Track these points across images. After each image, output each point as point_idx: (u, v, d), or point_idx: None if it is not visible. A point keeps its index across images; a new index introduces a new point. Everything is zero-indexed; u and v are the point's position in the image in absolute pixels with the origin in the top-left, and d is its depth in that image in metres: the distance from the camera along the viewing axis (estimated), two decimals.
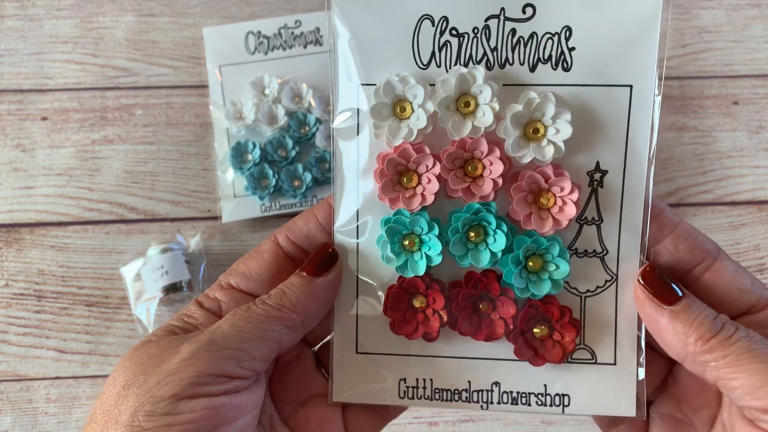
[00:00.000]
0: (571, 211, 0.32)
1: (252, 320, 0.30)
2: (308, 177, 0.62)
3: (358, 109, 0.33)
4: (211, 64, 0.66)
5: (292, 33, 0.67)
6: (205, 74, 0.67)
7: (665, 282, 0.31)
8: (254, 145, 0.63)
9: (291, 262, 0.34)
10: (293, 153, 0.63)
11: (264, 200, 0.63)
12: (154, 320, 0.59)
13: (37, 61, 0.67)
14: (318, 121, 0.64)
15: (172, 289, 0.59)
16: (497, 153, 0.32)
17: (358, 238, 0.34)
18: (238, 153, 0.63)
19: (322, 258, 0.33)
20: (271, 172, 0.63)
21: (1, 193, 0.64)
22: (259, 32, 0.67)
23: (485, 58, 0.32)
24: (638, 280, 0.32)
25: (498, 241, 0.32)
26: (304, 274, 0.33)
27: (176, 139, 0.66)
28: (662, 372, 0.35)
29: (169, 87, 0.67)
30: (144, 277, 0.59)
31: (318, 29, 0.67)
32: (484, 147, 0.32)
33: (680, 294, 0.31)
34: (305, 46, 0.67)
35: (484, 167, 0.32)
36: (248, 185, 0.62)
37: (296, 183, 0.63)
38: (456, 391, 0.34)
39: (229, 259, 0.63)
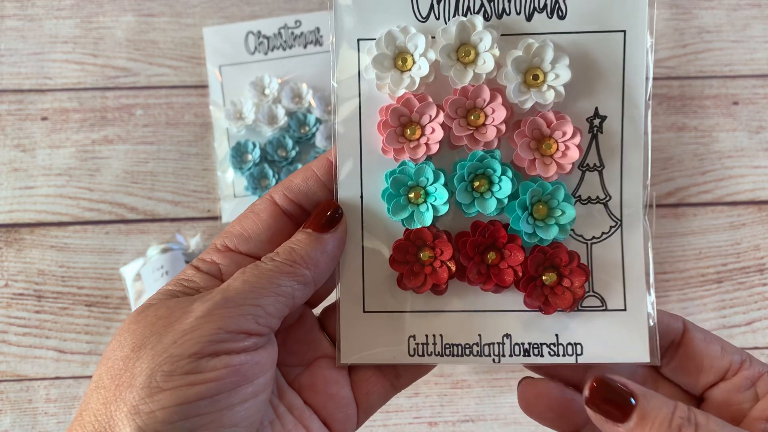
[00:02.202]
0: (573, 154, 0.32)
1: (264, 276, 0.30)
2: None
3: (358, 63, 0.33)
4: (211, 64, 0.66)
5: (292, 33, 0.67)
6: (205, 74, 0.67)
7: (613, 396, 0.29)
8: (254, 145, 0.63)
9: (290, 222, 0.33)
10: (293, 153, 0.63)
11: None
12: None
13: (37, 61, 0.67)
14: (318, 121, 0.64)
15: None
16: (499, 100, 0.32)
17: (362, 194, 0.34)
18: (238, 153, 0.63)
19: (326, 214, 0.32)
20: (271, 172, 0.63)
21: (1, 193, 0.64)
22: (259, 32, 0.67)
23: (483, 8, 0.33)
24: (586, 404, 0.29)
25: (503, 188, 0.32)
26: (310, 230, 0.32)
27: (176, 139, 0.66)
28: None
29: (169, 87, 0.67)
30: (144, 277, 0.59)
31: (318, 29, 0.67)
32: (486, 94, 0.32)
33: (632, 402, 0.28)
34: (305, 46, 0.67)
35: (486, 115, 0.33)
36: (248, 185, 0.62)
37: None
38: (467, 346, 0.34)
39: None
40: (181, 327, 0.27)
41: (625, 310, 0.33)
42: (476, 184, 0.33)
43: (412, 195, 0.33)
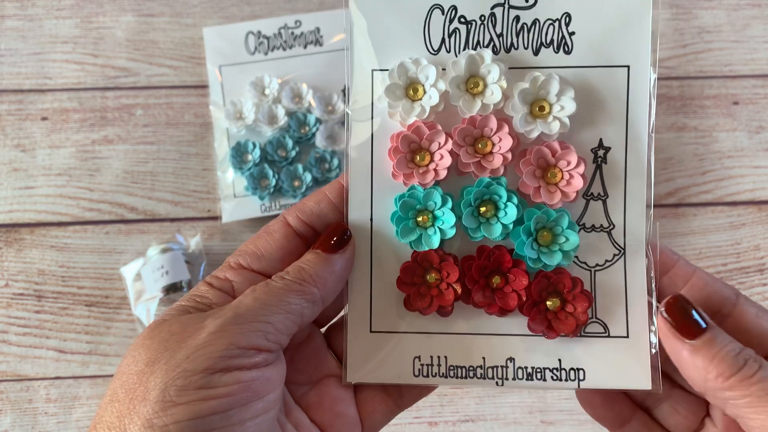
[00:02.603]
0: (578, 183, 0.33)
1: (274, 294, 0.30)
2: (308, 177, 0.62)
3: (372, 93, 0.35)
4: (211, 64, 0.66)
5: (292, 33, 0.67)
6: (205, 74, 0.67)
7: (687, 315, 0.31)
8: (254, 145, 0.63)
9: (302, 242, 0.34)
10: (293, 153, 0.63)
11: (264, 200, 0.63)
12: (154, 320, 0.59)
13: (37, 61, 0.67)
14: (318, 121, 0.64)
15: (172, 289, 0.59)
16: (506, 129, 0.33)
17: (372, 216, 0.35)
18: (238, 153, 0.63)
19: (336, 236, 0.33)
20: (271, 172, 0.63)
21: (1, 193, 0.64)
22: (259, 32, 0.67)
23: (492, 43, 0.34)
24: (661, 313, 0.31)
25: (509, 214, 0.33)
26: (320, 251, 0.33)
27: (176, 139, 0.66)
28: (699, 415, 0.35)
29: (169, 87, 0.67)
30: (144, 277, 0.59)
31: (318, 29, 0.67)
32: (494, 123, 0.33)
33: (704, 326, 0.30)
34: (305, 46, 0.67)
35: (493, 144, 0.34)
36: (248, 185, 0.62)
37: (296, 183, 0.63)
38: (471, 368, 0.34)
39: None
40: (194, 342, 0.28)
41: (627, 337, 0.34)
42: (482, 209, 0.33)
43: (420, 218, 0.34)
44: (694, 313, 0.31)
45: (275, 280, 0.31)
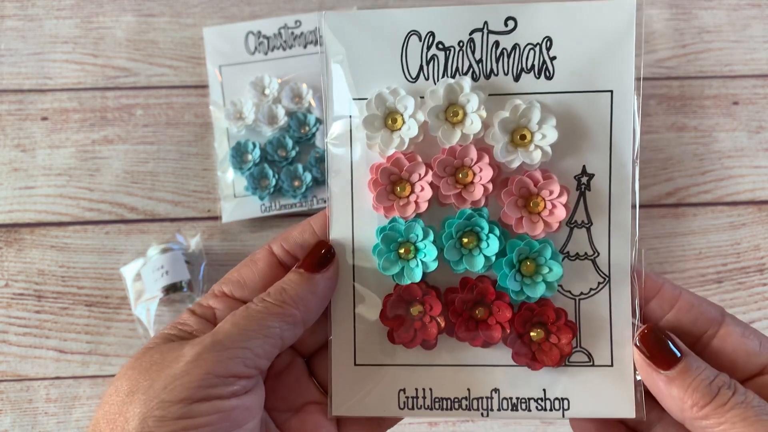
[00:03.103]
0: (560, 213, 0.32)
1: (253, 318, 0.30)
2: (308, 177, 0.62)
3: (350, 122, 0.34)
4: (211, 64, 0.66)
5: (292, 33, 0.67)
6: (205, 74, 0.67)
7: (662, 345, 0.31)
8: (254, 145, 0.63)
9: (285, 271, 0.34)
10: (293, 153, 0.63)
11: (264, 200, 0.63)
12: (154, 320, 0.59)
13: (37, 61, 0.67)
14: (318, 121, 0.64)
15: (172, 289, 0.59)
16: (486, 159, 0.33)
17: (353, 248, 0.34)
18: (238, 153, 0.63)
19: (319, 255, 0.33)
20: (271, 172, 0.63)
21: (1, 193, 0.64)
22: (259, 32, 0.67)
23: (471, 69, 0.34)
24: (635, 343, 0.32)
25: (491, 246, 0.33)
26: (302, 270, 0.33)
27: (176, 139, 0.66)
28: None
29: (169, 87, 0.67)
30: (144, 277, 0.59)
31: (318, 29, 0.67)
32: (474, 154, 0.33)
33: (678, 355, 0.30)
34: (305, 46, 0.67)
35: (474, 174, 0.33)
36: (248, 185, 0.62)
37: (296, 183, 0.63)
38: (456, 400, 0.34)
39: (229, 259, 0.63)
40: (172, 372, 0.28)
41: (611, 365, 0.34)
42: (465, 240, 0.33)
43: (402, 251, 0.33)
44: (668, 343, 0.31)
45: (255, 302, 0.32)
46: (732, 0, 0.69)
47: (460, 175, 0.33)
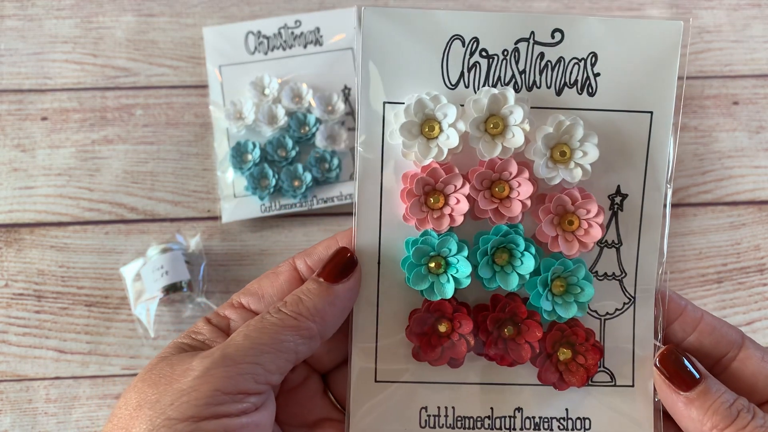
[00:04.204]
0: (596, 233, 0.32)
1: (267, 330, 0.29)
2: (308, 177, 0.62)
3: (383, 127, 0.33)
4: (211, 64, 0.66)
5: (292, 33, 0.67)
6: (205, 74, 0.67)
7: (681, 367, 0.31)
8: (254, 145, 0.63)
9: None
10: (293, 153, 0.63)
11: (264, 200, 0.63)
12: (154, 320, 0.59)
13: (37, 61, 0.67)
14: (318, 121, 0.64)
15: (172, 289, 0.59)
16: (526, 174, 0.32)
17: (379, 259, 0.33)
18: (238, 153, 0.63)
19: (341, 263, 0.32)
20: (271, 172, 0.63)
21: (1, 193, 0.64)
22: (259, 32, 0.67)
23: (513, 80, 0.32)
24: (655, 364, 0.32)
25: (526, 264, 0.32)
26: (321, 279, 0.31)
27: (176, 139, 0.66)
28: None
29: (169, 87, 0.67)
30: (144, 277, 0.59)
31: (318, 29, 0.67)
32: (514, 168, 0.32)
33: (697, 377, 0.31)
34: (305, 46, 0.67)
35: (511, 188, 0.32)
36: (248, 185, 0.62)
37: (296, 183, 0.63)
38: (479, 419, 0.34)
39: (229, 260, 0.63)
40: (180, 387, 0.27)
41: (632, 386, 0.34)
42: (497, 257, 0.32)
43: (432, 264, 0.32)
44: (687, 364, 0.31)
45: (271, 313, 0.30)
46: (732, 0, 0.69)
47: (497, 189, 0.32)
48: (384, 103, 0.32)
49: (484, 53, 0.32)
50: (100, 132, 0.65)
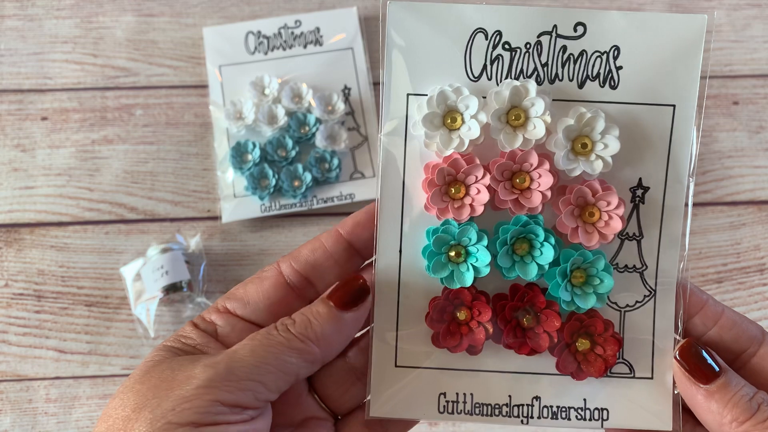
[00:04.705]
0: (617, 225, 0.32)
1: (273, 349, 0.30)
2: (308, 177, 0.62)
3: (406, 118, 0.33)
4: (211, 64, 0.66)
5: (292, 33, 0.67)
6: (205, 74, 0.67)
7: (701, 360, 0.31)
8: (254, 145, 0.63)
9: (291, 292, 0.34)
10: (293, 153, 0.63)
11: (264, 200, 0.63)
12: (154, 320, 0.59)
13: (37, 61, 0.67)
14: (318, 121, 0.64)
15: (172, 289, 0.59)
16: (547, 165, 0.32)
17: (401, 248, 0.34)
18: (238, 153, 0.63)
19: (352, 291, 0.32)
20: (271, 172, 0.63)
21: (1, 193, 0.64)
22: (259, 32, 0.67)
23: (536, 73, 0.33)
24: (675, 356, 0.32)
25: (545, 254, 0.32)
26: (332, 304, 0.32)
27: (176, 139, 0.66)
28: None
29: (169, 87, 0.67)
30: (144, 277, 0.59)
31: (318, 29, 0.67)
32: (535, 159, 0.32)
33: (717, 370, 0.31)
34: (305, 46, 0.67)
35: (532, 180, 0.32)
36: (248, 185, 0.62)
37: (296, 183, 0.63)
38: (496, 406, 0.34)
39: (229, 259, 0.63)
40: (181, 393, 0.28)
41: (651, 378, 0.34)
42: (516, 247, 0.33)
43: (452, 253, 0.33)
44: (707, 357, 0.31)
45: (279, 329, 0.31)
46: (732, 0, 0.69)
47: (518, 180, 0.32)
48: (408, 95, 0.33)
49: (506, 46, 0.33)
50: (100, 132, 0.65)
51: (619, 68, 0.33)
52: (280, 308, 0.33)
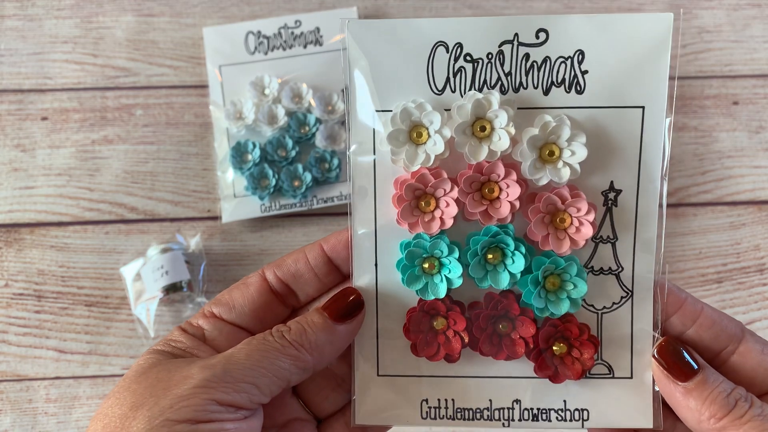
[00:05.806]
0: (587, 231, 0.32)
1: (268, 354, 0.30)
2: (308, 177, 0.62)
3: (373, 135, 0.33)
4: (211, 64, 0.66)
5: (292, 33, 0.67)
6: (205, 74, 0.67)
7: (679, 357, 0.32)
8: (254, 145, 0.63)
9: (275, 298, 0.35)
10: (293, 153, 0.63)
11: (264, 200, 0.63)
12: (154, 320, 0.59)
13: (37, 61, 0.67)
14: (318, 121, 0.64)
15: (172, 289, 0.59)
16: (514, 176, 0.32)
17: (376, 261, 0.34)
18: (238, 153, 0.63)
19: (346, 304, 0.33)
20: (271, 172, 0.63)
21: (1, 193, 0.64)
22: (259, 32, 0.67)
23: (499, 82, 0.33)
24: (653, 355, 0.32)
25: (516, 263, 0.32)
26: (326, 315, 0.33)
27: (176, 139, 0.66)
28: None
29: (169, 87, 0.67)
30: (144, 277, 0.59)
31: (318, 29, 0.67)
32: (501, 170, 0.32)
33: (695, 368, 0.31)
34: (305, 46, 0.67)
35: (500, 190, 0.32)
36: (248, 185, 0.62)
37: (296, 183, 0.63)
38: (477, 410, 0.34)
39: (229, 259, 0.63)
40: (179, 392, 0.28)
41: (631, 377, 0.34)
42: (490, 256, 0.33)
43: (426, 265, 0.33)
44: (686, 355, 0.32)
45: (275, 336, 0.32)
46: (732, 0, 0.69)
47: (486, 191, 0.33)
48: (376, 110, 0.33)
49: (468, 58, 0.32)
50: (100, 132, 0.65)
51: (584, 73, 0.32)
52: (264, 313, 0.34)
